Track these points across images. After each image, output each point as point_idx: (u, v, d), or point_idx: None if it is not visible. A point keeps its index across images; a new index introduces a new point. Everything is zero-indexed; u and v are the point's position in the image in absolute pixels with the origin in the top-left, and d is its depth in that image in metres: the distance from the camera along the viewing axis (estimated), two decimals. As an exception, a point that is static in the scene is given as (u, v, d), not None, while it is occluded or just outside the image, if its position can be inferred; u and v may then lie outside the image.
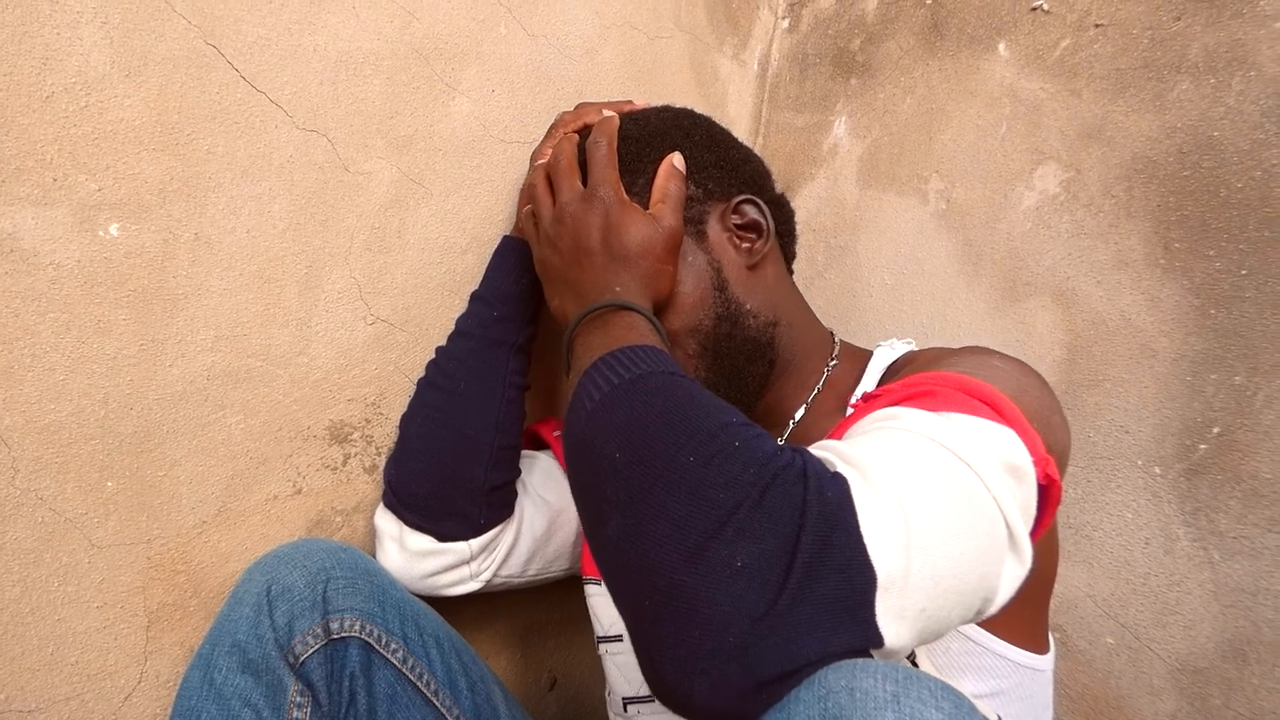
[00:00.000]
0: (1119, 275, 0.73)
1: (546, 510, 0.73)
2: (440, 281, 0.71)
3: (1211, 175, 0.69)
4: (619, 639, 0.69)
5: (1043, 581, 0.56)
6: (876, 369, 0.61)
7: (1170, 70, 0.71)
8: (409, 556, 0.66)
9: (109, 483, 0.54)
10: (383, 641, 0.60)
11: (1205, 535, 0.68)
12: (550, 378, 0.81)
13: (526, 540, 0.71)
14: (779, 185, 0.69)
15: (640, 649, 0.34)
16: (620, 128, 0.61)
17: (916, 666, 0.36)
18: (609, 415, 0.39)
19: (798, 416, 0.62)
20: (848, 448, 0.37)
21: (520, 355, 0.68)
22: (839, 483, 0.34)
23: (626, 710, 0.68)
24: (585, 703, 0.96)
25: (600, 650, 0.71)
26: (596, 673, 0.97)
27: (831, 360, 0.64)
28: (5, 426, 0.49)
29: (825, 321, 0.68)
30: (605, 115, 0.63)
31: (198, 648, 0.55)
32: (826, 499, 0.33)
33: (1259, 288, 0.66)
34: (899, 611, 0.32)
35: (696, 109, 0.67)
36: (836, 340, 0.66)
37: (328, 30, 0.60)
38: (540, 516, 0.73)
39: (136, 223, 0.52)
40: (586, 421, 0.40)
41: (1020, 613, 0.51)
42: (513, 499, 0.70)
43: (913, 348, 0.62)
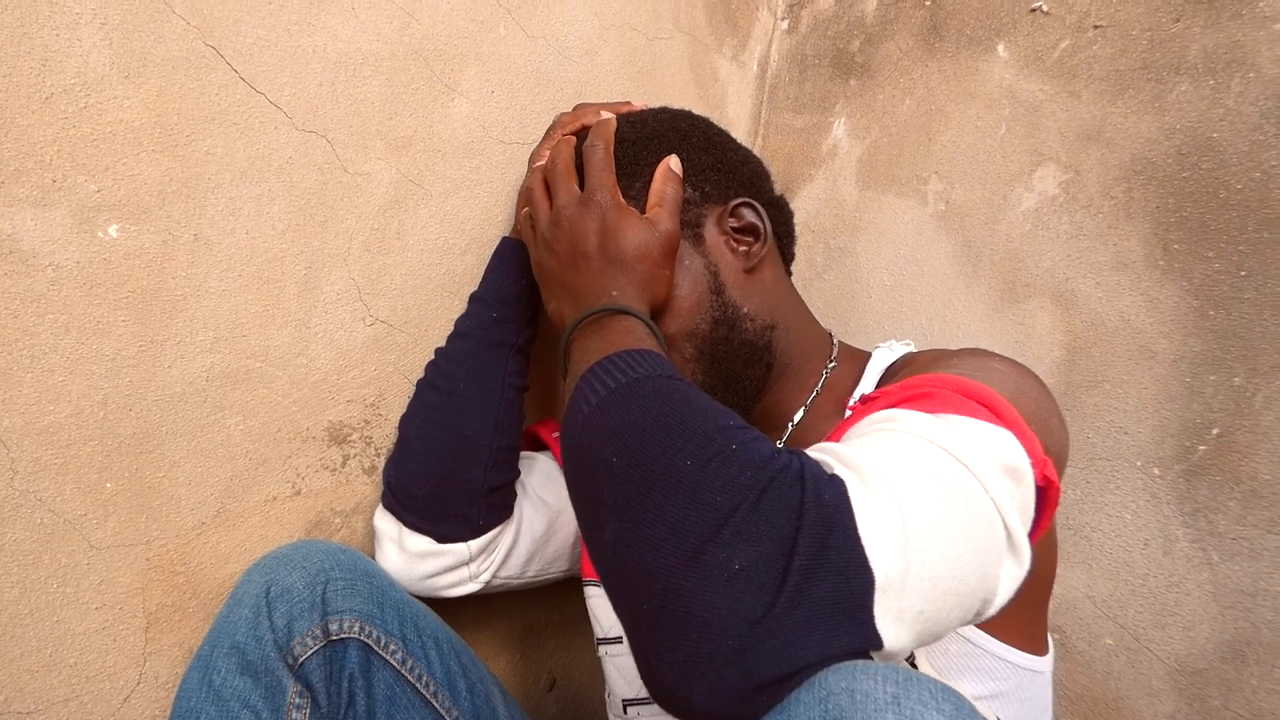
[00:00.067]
0: (1118, 276, 0.73)
1: (546, 511, 0.73)
2: (439, 283, 0.71)
3: (1210, 177, 0.69)
4: (619, 641, 0.69)
5: (1041, 583, 0.56)
6: (875, 371, 0.61)
7: (1169, 72, 0.71)
8: (408, 558, 0.66)
9: (108, 484, 0.54)
10: (382, 643, 0.60)
11: (1204, 536, 0.68)
12: (549, 379, 0.81)
13: (526, 541, 0.71)
14: (778, 186, 0.69)
15: (638, 653, 0.34)
16: (617, 130, 0.61)
17: (916, 669, 0.36)
18: (606, 419, 0.39)
19: (796, 419, 0.62)
20: (845, 450, 0.37)
21: (519, 356, 0.68)
22: (836, 485, 0.34)
23: (626, 712, 0.68)
24: (584, 704, 0.96)
25: (600, 652, 0.71)
26: (596, 674, 0.97)
27: (830, 362, 0.64)
28: (4, 428, 0.49)
29: (824, 323, 0.68)
30: (603, 117, 0.63)
31: (197, 649, 0.55)
32: (824, 501, 0.33)
33: (1258, 289, 0.66)
34: (897, 613, 0.32)
35: (695, 110, 0.67)
36: (835, 342, 0.66)
37: (327, 31, 0.60)
38: (539, 518, 0.73)
39: (136, 224, 0.52)
40: (583, 426, 0.40)
41: (1019, 614, 0.51)
42: (512, 500, 0.70)
43: (911, 349, 0.62)
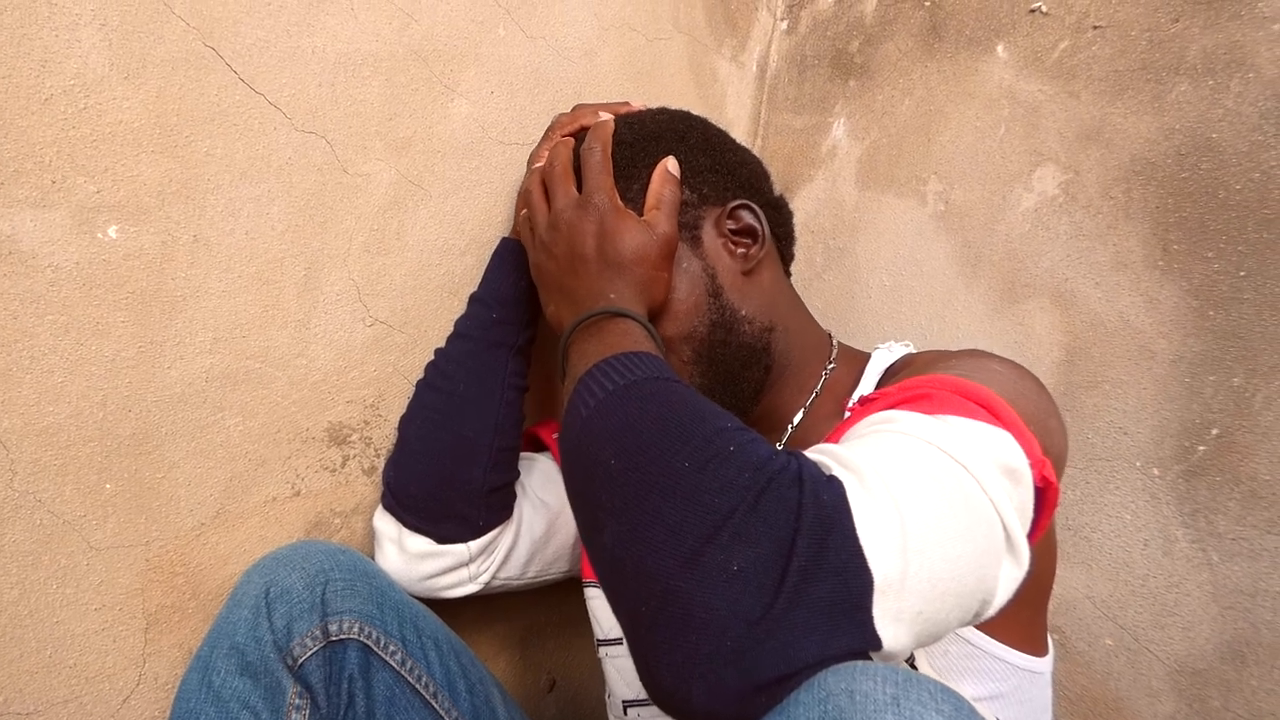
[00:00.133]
0: (1118, 277, 0.73)
1: (545, 512, 0.73)
2: (439, 283, 0.71)
3: (1210, 177, 0.69)
4: (619, 642, 0.69)
5: (1041, 584, 0.56)
6: (874, 372, 0.61)
7: (1169, 72, 0.71)
8: (408, 558, 0.66)
9: (107, 485, 0.54)
10: (381, 644, 0.60)
11: (1204, 537, 0.68)
12: (549, 380, 0.81)
13: (525, 542, 0.71)
14: (777, 187, 0.69)
15: (637, 654, 0.34)
16: (615, 132, 0.60)
17: (915, 670, 0.36)
18: (604, 421, 0.39)
19: (796, 420, 0.62)
20: (843, 451, 0.37)
21: (519, 357, 0.68)
22: (835, 486, 0.34)
23: (626, 714, 0.68)
24: (584, 705, 0.96)
25: (600, 653, 0.71)
26: (596, 675, 0.97)
27: (829, 363, 0.64)
28: (4, 429, 0.49)
29: (823, 323, 0.68)
30: (601, 119, 0.63)
31: (196, 650, 0.55)
32: (822, 502, 0.33)
33: (1257, 289, 0.66)
34: (896, 614, 0.32)
35: (695, 111, 0.67)
36: (834, 343, 0.66)
37: (326, 32, 0.60)
38: (539, 518, 0.73)
39: (135, 225, 0.52)
40: (581, 428, 0.40)
41: (1018, 615, 0.51)
42: (511, 501, 0.70)
43: (911, 350, 0.62)
